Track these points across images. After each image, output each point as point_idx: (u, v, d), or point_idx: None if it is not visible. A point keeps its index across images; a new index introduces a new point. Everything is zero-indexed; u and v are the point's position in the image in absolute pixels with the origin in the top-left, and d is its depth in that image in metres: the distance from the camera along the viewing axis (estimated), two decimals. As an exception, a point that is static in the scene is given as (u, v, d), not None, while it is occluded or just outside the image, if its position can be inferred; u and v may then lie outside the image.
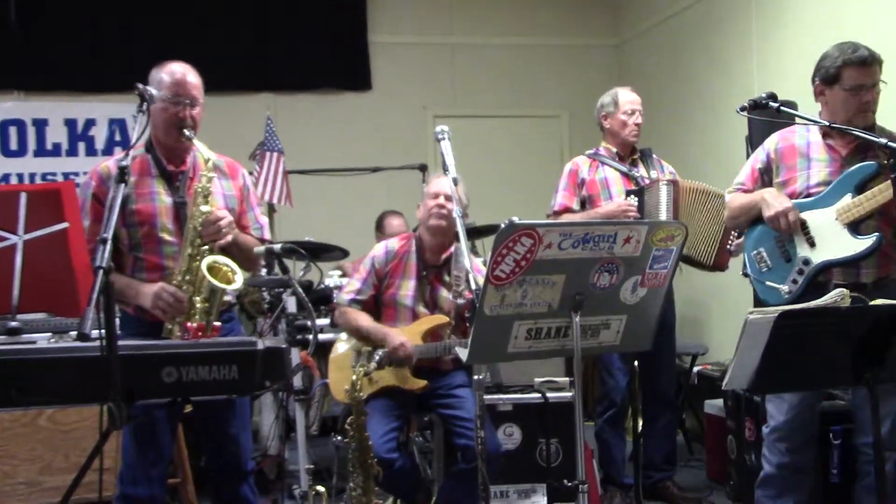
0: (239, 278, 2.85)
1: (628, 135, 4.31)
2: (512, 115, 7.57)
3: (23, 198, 2.39)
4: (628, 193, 4.17)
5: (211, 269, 2.81)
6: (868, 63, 3.04)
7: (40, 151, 6.78)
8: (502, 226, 2.28)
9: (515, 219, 2.32)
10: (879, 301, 2.39)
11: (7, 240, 2.40)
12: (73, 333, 2.90)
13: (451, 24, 7.50)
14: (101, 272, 2.04)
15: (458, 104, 7.44)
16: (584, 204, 4.28)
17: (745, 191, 3.32)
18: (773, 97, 3.05)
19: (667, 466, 4.37)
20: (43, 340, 2.90)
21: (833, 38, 4.68)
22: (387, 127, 7.24)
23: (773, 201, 3.12)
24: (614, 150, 4.34)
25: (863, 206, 2.97)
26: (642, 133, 4.37)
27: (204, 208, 2.87)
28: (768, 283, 3.19)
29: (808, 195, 3.13)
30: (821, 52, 3.19)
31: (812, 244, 3.08)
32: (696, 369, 5.33)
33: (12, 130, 6.74)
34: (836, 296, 2.37)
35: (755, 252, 3.26)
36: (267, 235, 3.21)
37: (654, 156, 4.42)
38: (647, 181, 4.23)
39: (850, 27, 4.68)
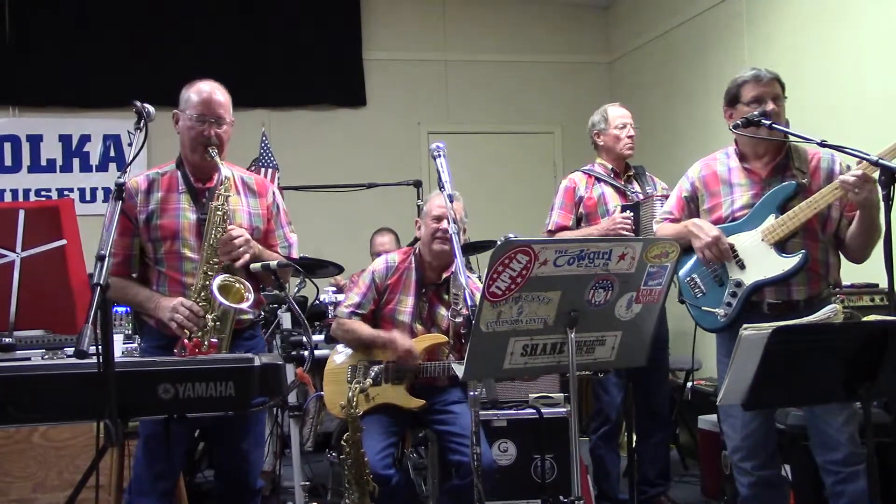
0: (251, 297, 2.87)
1: (623, 148, 4.33)
2: (505, 131, 7.61)
3: (21, 215, 2.40)
4: (623, 209, 4.18)
5: (223, 287, 2.82)
6: (762, 78, 3.14)
7: (34, 167, 6.80)
8: (498, 242, 2.29)
9: (512, 235, 2.34)
10: (872, 317, 2.41)
11: (5, 257, 2.41)
12: (69, 350, 2.91)
13: (445, 41, 7.55)
14: (98, 289, 2.04)
15: (452, 120, 7.48)
16: (581, 221, 4.29)
17: (674, 220, 3.37)
18: (765, 115, 3.07)
19: (661, 482, 4.37)
20: (37, 357, 2.91)
21: (824, 54, 4.75)
22: (381, 143, 7.27)
23: (700, 232, 3.17)
24: (610, 166, 4.36)
25: (786, 226, 3.04)
26: (635, 149, 4.39)
27: (220, 226, 2.90)
28: (704, 307, 3.25)
29: (734, 219, 3.19)
30: (812, 69, 3.26)
31: (742, 266, 3.14)
32: (689, 385, 5.34)
33: (6, 146, 6.76)
34: (828, 312, 2.39)
35: (688, 279, 3.31)
36: (295, 253, 3.22)
37: (648, 173, 4.45)
38: (642, 196, 4.25)
39: (841, 43, 4.73)
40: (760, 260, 3.10)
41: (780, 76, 3.20)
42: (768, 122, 3.05)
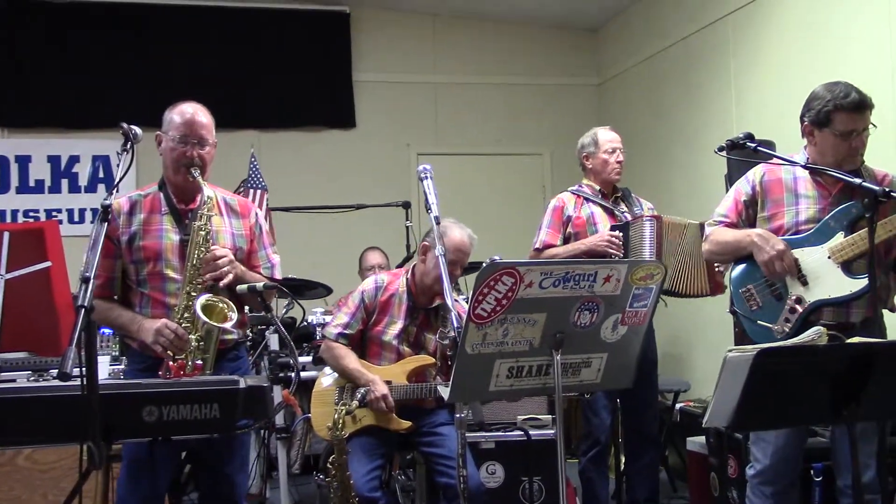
0: (234, 316, 2.86)
1: (611, 173, 4.33)
2: (494, 153, 7.63)
3: (5, 237, 2.40)
4: (612, 229, 4.19)
5: (207, 307, 2.82)
6: (860, 109, 2.99)
7: (23, 188, 6.78)
8: (484, 264, 2.30)
9: (497, 258, 2.34)
10: (856, 339, 2.42)
11: (-11, 279, 2.40)
12: (54, 372, 2.89)
13: (435, 64, 7.59)
14: (82, 311, 2.03)
15: (441, 142, 7.51)
16: (569, 241, 4.29)
17: (730, 224, 3.24)
18: (750, 137, 3.05)
19: (650, 504, 4.36)
20: (22, 379, 2.89)
21: (809, 75, 4.78)
22: (370, 164, 7.29)
23: (765, 245, 3.05)
24: (597, 187, 4.37)
25: (857, 246, 2.93)
26: (623, 170, 4.41)
27: (203, 246, 2.89)
28: (759, 322, 3.10)
29: (797, 232, 3.08)
30: (797, 90, 3.19)
31: (804, 283, 3.02)
32: (678, 406, 5.34)
33: (-5, 167, 6.76)
34: (813, 334, 2.40)
35: (743, 289, 3.17)
36: (278, 274, 3.21)
37: (634, 195, 4.46)
38: (631, 217, 4.26)
39: (826, 65, 4.76)
40: (825, 278, 2.98)
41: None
42: (753, 146, 3.05)
